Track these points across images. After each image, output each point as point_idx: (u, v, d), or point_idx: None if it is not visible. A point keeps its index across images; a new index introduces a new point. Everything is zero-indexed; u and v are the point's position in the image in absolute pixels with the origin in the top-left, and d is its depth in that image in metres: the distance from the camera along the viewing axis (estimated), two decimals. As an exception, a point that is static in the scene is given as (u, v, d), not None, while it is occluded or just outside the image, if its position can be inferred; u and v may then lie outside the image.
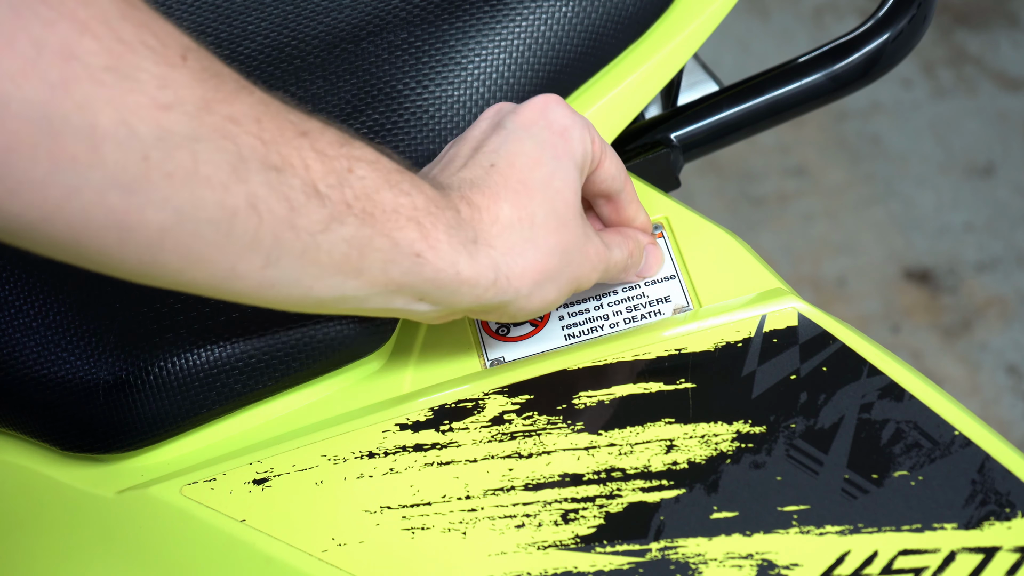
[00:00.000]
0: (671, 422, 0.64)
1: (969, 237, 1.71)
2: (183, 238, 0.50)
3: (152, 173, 0.48)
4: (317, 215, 0.53)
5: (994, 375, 1.59)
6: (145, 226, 0.49)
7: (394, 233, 0.56)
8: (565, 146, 0.63)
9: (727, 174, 1.80)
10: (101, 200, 0.48)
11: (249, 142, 0.51)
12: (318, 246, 0.54)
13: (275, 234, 0.52)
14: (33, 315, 0.66)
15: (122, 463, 0.68)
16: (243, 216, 0.51)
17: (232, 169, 0.51)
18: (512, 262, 0.60)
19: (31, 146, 0.46)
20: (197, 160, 0.49)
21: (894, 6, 0.80)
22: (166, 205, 0.49)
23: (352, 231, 0.55)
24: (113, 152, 0.47)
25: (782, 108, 0.81)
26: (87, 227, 0.49)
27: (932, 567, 0.59)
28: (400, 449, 0.65)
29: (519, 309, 0.62)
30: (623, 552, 0.61)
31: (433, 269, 0.58)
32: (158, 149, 0.48)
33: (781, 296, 0.68)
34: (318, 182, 0.54)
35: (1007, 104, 1.83)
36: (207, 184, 0.50)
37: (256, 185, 0.51)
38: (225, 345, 0.66)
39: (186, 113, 0.49)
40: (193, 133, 0.49)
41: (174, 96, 0.49)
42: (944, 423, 0.63)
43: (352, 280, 0.56)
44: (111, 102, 0.47)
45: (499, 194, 0.61)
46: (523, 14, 0.73)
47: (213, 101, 0.50)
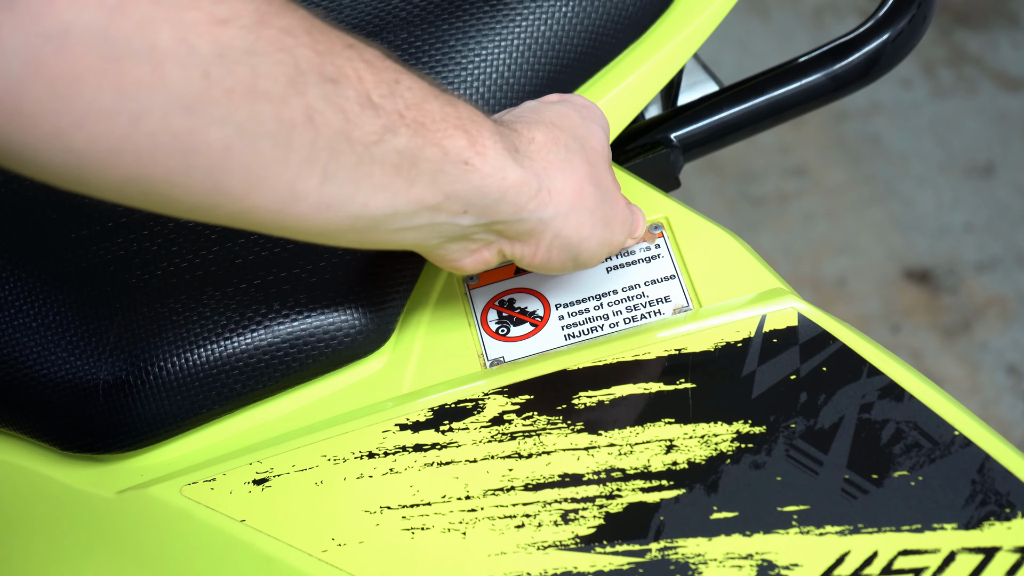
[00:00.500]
0: (671, 422, 0.64)
1: (969, 237, 1.71)
2: (245, 156, 0.50)
3: (213, 90, 0.48)
4: (372, 126, 0.53)
5: (994, 375, 1.59)
6: (208, 146, 0.49)
7: (444, 142, 0.56)
8: (588, 112, 0.66)
9: (727, 174, 1.80)
10: (166, 123, 0.48)
11: (305, 54, 0.51)
12: (372, 157, 0.54)
13: (331, 146, 0.52)
14: (33, 315, 0.66)
15: (122, 463, 0.68)
16: (300, 129, 0.51)
17: (290, 81, 0.50)
18: (551, 176, 0.61)
19: (96, 73, 0.45)
20: (256, 74, 0.49)
21: (894, 6, 0.80)
22: (227, 122, 0.49)
23: (405, 141, 0.54)
24: (175, 72, 0.47)
25: (782, 108, 0.81)
26: (154, 155, 0.48)
27: (932, 567, 0.59)
28: (400, 449, 0.65)
29: (556, 234, 0.62)
30: (623, 552, 0.61)
31: (480, 176, 0.57)
32: (218, 65, 0.48)
33: (781, 296, 0.68)
34: (371, 92, 0.53)
35: (1007, 104, 1.83)
36: (266, 98, 0.50)
37: (313, 97, 0.51)
38: (225, 345, 0.66)
39: (243, 27, 0.49)
40: (251, 47, 0.49)
41: (230, 10, 0.48)
42: (944, 423, 0.63)
43: (403, 193, 0.55)
44: (169, 20, 0.47)
45: (532, 125, 0.62)
46: (523, 14, 0.73)
47: (267, 14, 0.50)
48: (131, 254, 0.68)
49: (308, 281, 0.67)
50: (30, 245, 0.69)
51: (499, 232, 0.61)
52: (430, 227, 0.58)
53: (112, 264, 0.67)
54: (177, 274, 0.67)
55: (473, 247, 0.62)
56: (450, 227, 0.59)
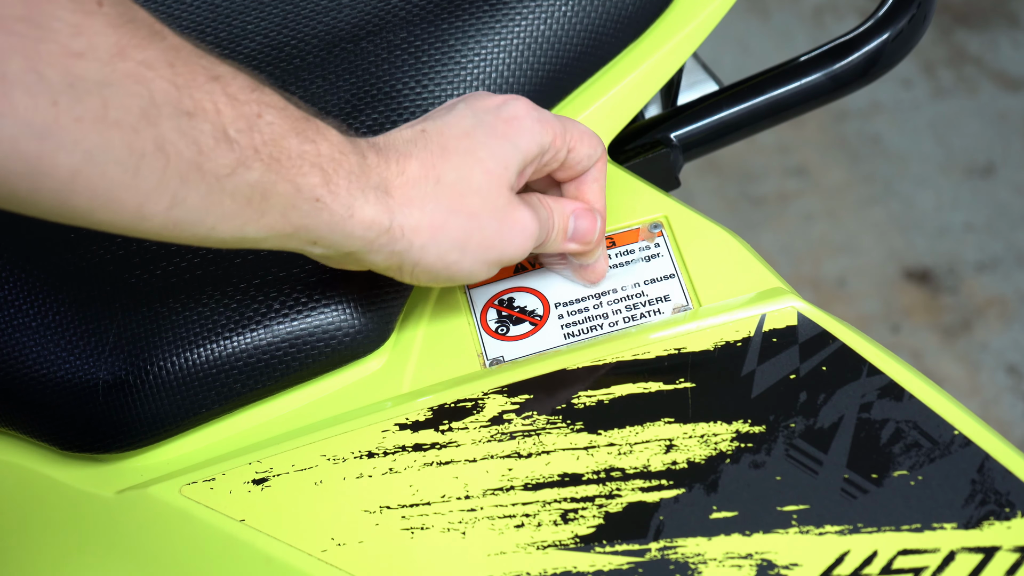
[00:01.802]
0: (671, 422, 0.64)
1: (969, 237, 1.71)
2: (92, 180, 0.52)
3: (62, 118, 0.50)
4: (225, 159, 0.55)
5: (994, 375, 1.59)
6: (56, 169, 0.51)
7: (297, 179, 0.57)
8: (507, 129, 0.64)
9: (727, 174, 1.79)
10: (14, 147, 0.49)
11: (162, 87, 0.52)
12: (223, 189, 0.55)
13: (182, 176, 0.54)
14: (33, 315, 0.66)
15: (122, 463, 0.68)
16: (151, 158, 0.52)
17: (143, 113, 0.52)
18: (409, 213, 0.61)
19: None
20: (107, 105, 0.51)
21: (894, 6, 0.80)
22: (76, 148, 0.50)
23: (257, 176, 0.56)
24: (23, 99, 0.49)
25: (782, 108, 0.81)
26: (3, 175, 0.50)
27: (932, 567, 0.59)
28: (399, 449, 0.65)
29: (415, 264, 0.62)
30: (623, 552, 0.61)
31: (329, 213, 0.59)
32: (67, 95, 0.50)
33: (781, 295, 0.68)
34: (228, 126, 0.55)
35: (1007, 104, 1.83)
36: (116, 127, 0.51)
37: (166, 129, 0.52)
38: (225, 345, 0.66)
39: (98, 60, 0.50)
40: (104, 79, 0.50)
41: (87, 44, 0.50)
42: (944, 423, 0.63)
43: (253, 223, 0.57)
44: (22, 51, 0.48)
45: (412, 153, 0.62)
46: (523, 14, 0.73)
47: (128, 47, 0.51)
48: (131, 254, 0.68)
49: (308, 280, 0.67)
50: (30, 245, 0.69)
51: (356, 260, 0.62)
52: (284, 248, 0.60)
53: (112, 264, 0.67)
54: (177, 274, 0.67)
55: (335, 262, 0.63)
56: (305, 252, 0.61)
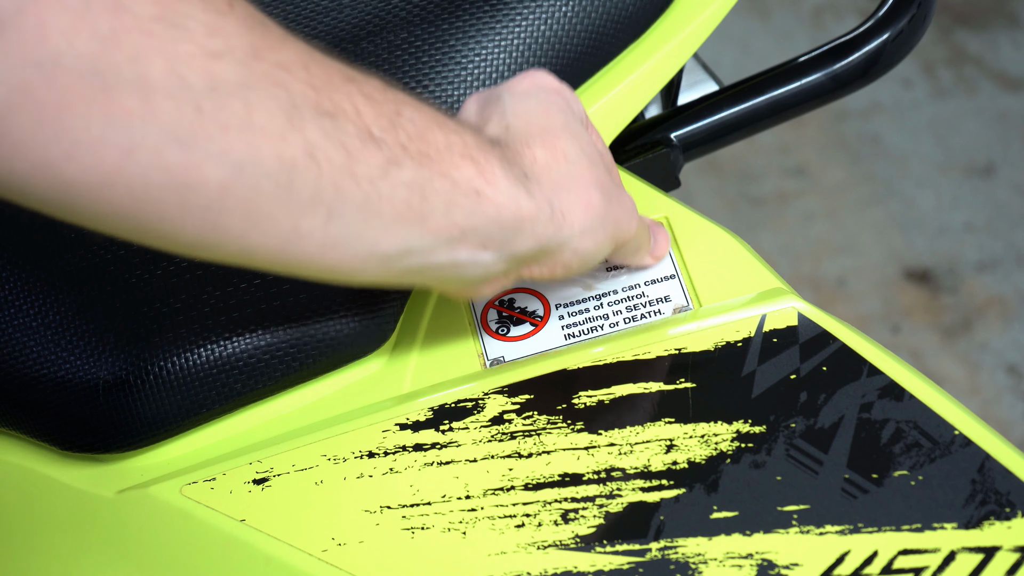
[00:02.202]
0: (671, 422, 0.64)
1: (969, 237, 1.71)
2: (244, 194, 0.49)
3: (207, 125, 0.47)
4: (375, 160, 0.52)
5: (994, 375, 1.59)
6: (205, 184, 0.48)
7: (452, 172, 0.54)
8: (564, 102, 0.63)
9: (727, 174, 1.80)
10: (159, 157, 0.46)
11: (300, 89, 0.50)
12: (379, 193, 0.52)
13: (335, 184, 0.51)
14: (33, 315, 0.66)
15: (122, 463, 0.68)
16: (302, 167, 0.50)
17: (286, 117, 0.49)
18: (562, 197, 0.59)
19: (85, 103, 0.45)
20: (251, 109, 0.48)
21: (894, 6, 0.80)
22: (225, 159, 0.48)
23: (411, 174, 0.53)
24: (166, 104, 0.46)
25: (782, 108, 0.81)
26: (147, 189, 0.47)
27: (932, 567, 0.59)
28: (400, 449, 0.65)
29: (573, 253, 0.60)
30: (623, 552, 0.61)
31: (494, 206, 0.56)
32: (211, 99, 0.47)
33: (781, 296, 0.68)
34: (371, 126, 0.52)
35: (1007, 104, 1.83)
36: (263, 134, 0.48)
37: (312, 133, 0.50)
38: (225, 345, 0.66)
39: (236, 61, 0.48)
40: (245, 81, 0.48)
41: (224, 44, 0.47)
42: (944, 423, 0.63)
43: (416, 228, 0.54)
44: (162, 52, 0.46)
45: (527, 141, 0.59)
46: (523, 14, 0.73)
47: (262, 48, 0.49)
48: (131, 254, 0.68)
49: (308, 281, 0.67)
50: (30, 245, 0.69)
51: (520, 260, 0.59)
52: (451, 267, 0.57)
53: (112, 264, 0.67)
54: (177, 274, 0.67)
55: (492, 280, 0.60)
56: (471, 266, 0.57)
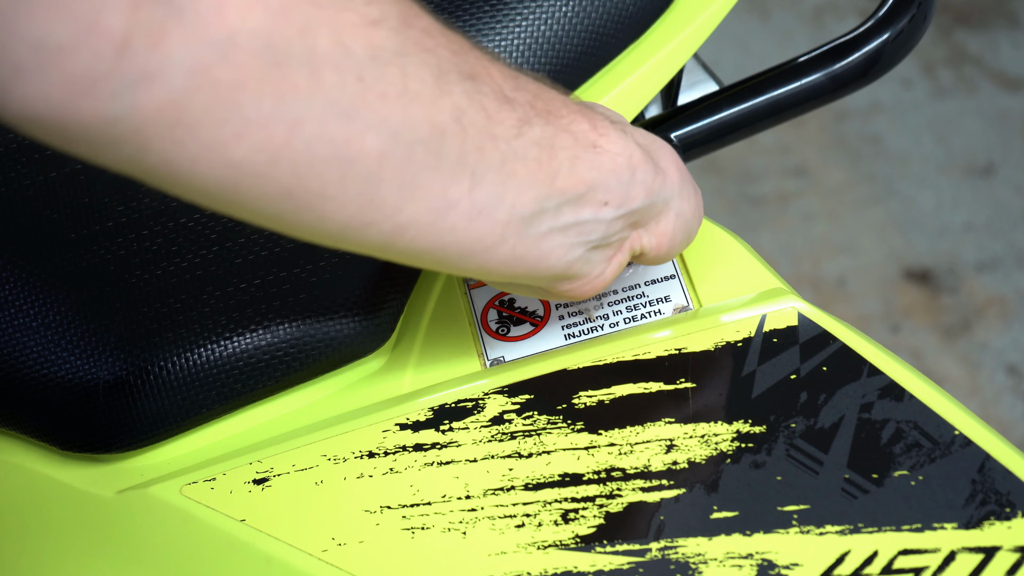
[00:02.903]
0: (671, 422, 0.64)
1: (969, 237, 1.71)
2: (399, 164, 0.49)
3: (368, 94, 0.47)
4: (510, 120, 0.53)
5: (994, 375, 1.59)
6: (364, 154, 0.48)
7: (572, 127, 0.56)
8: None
9: (727, 174, 1.80)
10: (322, 130, 0.46)
11: (445, 54, 0.50)
12: (515, 153, 0.53)
13: (478, 147, 0.51)
14: (33, 315, 0.66)
15: (122, 463, 0.68)
16: (450, 132, 0.50)
17: (437, 82, 0.50)
18: (657, 154, 0.60)
19: (258, 80, 0.44)
20: (406, 76, 0.48)
21: (894, 6, 0.80)
22: (383, 127, 0.48)
23: (539, 131, 0.54)
24: (331, 76, 0.46)
25: (782, 108, 0.80)
26: (311, 164, 0.47)
27: (932, 567, 0.59)
28: (400, 449, 0.65)
29: (677, 215, 0.61)
30: (623, 552, 0.61)
31: (611, 157, 0.57)
32: (371, 68, 0.47)
33: (781, 296, 0.68)
34: (503, 86, 0.53)
35: (1007, 104, 1.83)
36: (417, 100, 0.49)
37: (458, 96, 0.51)
38: (225, 345, 0.66)
39: (391, 28, 0.48)
40: (400, 48, 0.48)
41: (380, 12, 0.48)
42: (944, 423, 0.63)
43: (546, 187, 0.54)
44: (328, 23, 0.46)
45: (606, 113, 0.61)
46: (523, 14, 0.72)
47: (409, 15, 0.49)
48: (131, 254, 0.68)
49: (308, 280, 0.67)
50: (30, 245, 0.69)
51: (634, 223, 0.60)
52: (576, 228, 0.57)
53: (112, 264, 0.67)
54: (177, 274, 0.67)
55: (610, 253, 0.60)
56: (594, 225, 0.58)
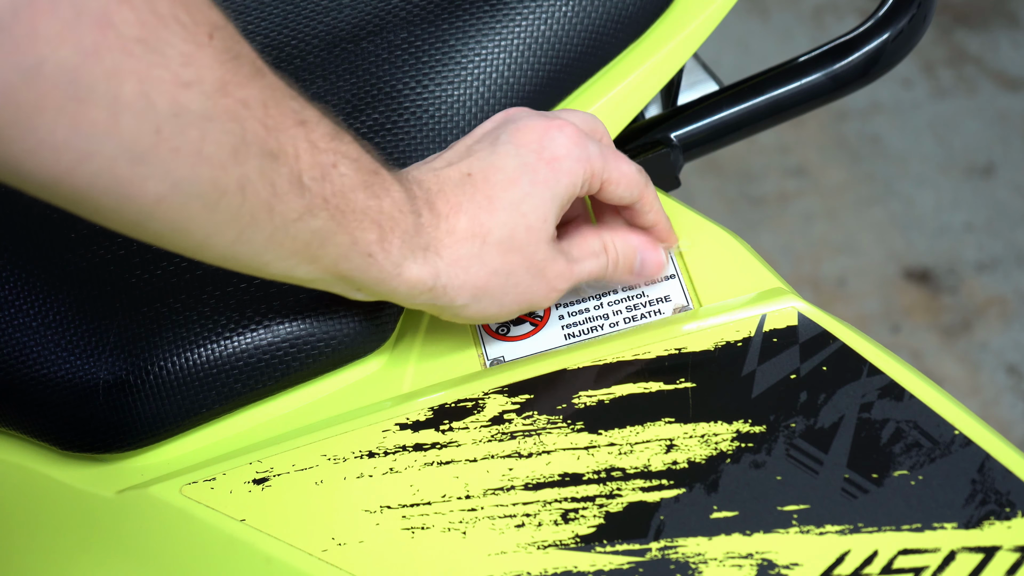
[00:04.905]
0: (671, 422, 0.64)
1: (969, 237, 1.71)
2: (173, 209, 0.52)
3: (161, 147, 0.50)
4: (296, 204, 0.56)
5: (994, 375, 1.59)
6: (143, 195, 0.51)
7: (356, 232, 0.58)
8: (548, 173, 0.64)
9: (727, 174, 1.80)
10: (109, 168, 0.49)
11: (254, 127, 0.53)
12: (287, 232, 0.56)
13: (253, 215, 0.54)
14: (33, 315, 0.66)
15: (122, 463, 0.68)
16: (230, 196, 0.53)
17: (233, 151, 0.52)
18: (454, 274, 0.62)
19: (56, 110, 0.47)
20: (204, 139, 0.51)
21: (894, 6, 0.80)
22: (166, 178, 0.51)
23: (321, 224, 0.57)
24: (130, 122, 0.49)
25: (782, 108, 0.81)
26: (91, 191, 0.50)
27: (932, 567, 0.59)
28: (400, 449, 0.65)
29: (454, 315, 0.64)
30: (623, 552, 0.61)
31: (379, 269, 0.60)
32: (171, 124, 0.50)
33: (781, 295, 0.68)
34: (304, 173, 0.56)
35: (1007, 104, 1.83)
36: (208, 162, 0.52)
37: (250, 169, 0.53)
38: (225, 345, 0.66)
39: (203, 93, 0.50)
40: (206, 112, 0.51)
41: (195, 75, 0.50)
42: (944, 423, 0.63)
43: (305, 266, 0.58)
44: (136, 73, 0.48)
45: (462, 206, 0.63)
46: (523, 14, 0.73)
47: (230, 83, 0.52)
48: (131, 254, 0.68)
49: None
50: (30, 245, 0.69)
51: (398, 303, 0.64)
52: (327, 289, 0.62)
53: (112, 264, 0.67)
54: (177, 274, 0.67)
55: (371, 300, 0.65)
56: (346, 295, 0.62)
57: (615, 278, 0.69)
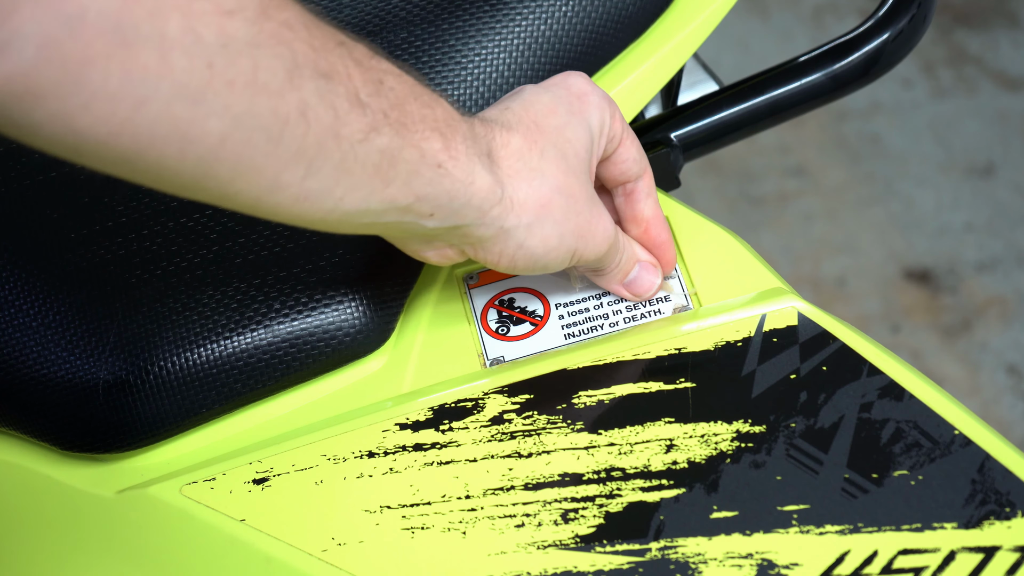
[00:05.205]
0: (671, 421, 0.64)
1: (969, 237, 1.71)
2: (237, 147, 0.51)
3: (215, 81, 0.49)
4: (359, 124, 0.54)
5: (994, 375, 1.59)
6: (205, 136, 0.50)
7: (422, 143, 0.57)
8: (580, 106, 0.64)
9: (727, 174, 1.80)
10: (167, 111, 0.48)
11: (302, 49, 0.52)
12: (356, 156, 0.54)
13: (320, 143, 0.53)
14: (33, 315, 0.66)
15: (122, 463, 0.68)
16: (293, 124, 0.52)
17: (288, 76, 0.51)
18: (517, 186, 0.61)
19: (105, 57, 0.46)
20: (257, 67, 0.50)
21: (894, 6, 0.80)
22: (226, 113, 0.50)
23: (386, 140, 0.55)
24: (181, 60, 0.48)
25: (782, 108, 0.81)
26: (151, 139, 0.49)
27: (932, 567, 0.59)
28: (400, 449, 0.65)
29: (519, 245, 0.62)
30: (623, 552, 0.61)
31: (451, 180, 0.58)
32: (222, 56, 0.49)
33: (781, 295, 0.68)
34: (360, 90, 0.54)
35: (1007, 104, 1.83)
36: (264, 91, 0.50)
37: (308, 92, 0.52)
38: (225, 345, 0.66)
39: (247, 19, 0.49)
40: (253, 39, 0.50)
41: (235, 3, 0.49)
42: (944, 422, 0.63)
43: (379, 193, 0.56)
44: (179, 8, 0.47)
45: (512, 127, 0.62)
46: (523, 14, 0.73)
47: (269, 7, 0.51)
48: (131, 254, 0.68)
49: (308, 280, 0.67)
50: (30, 245, 0.69)
51: (462, 236, 0.61)
52: (397, 224, 0.59)
53: (112, 264, 0.67)
54: (177, 274, 0.67)
55: (437, 244, 0.63)
56: (416, 227, 0.60)
57: (610, 278, 0.69)
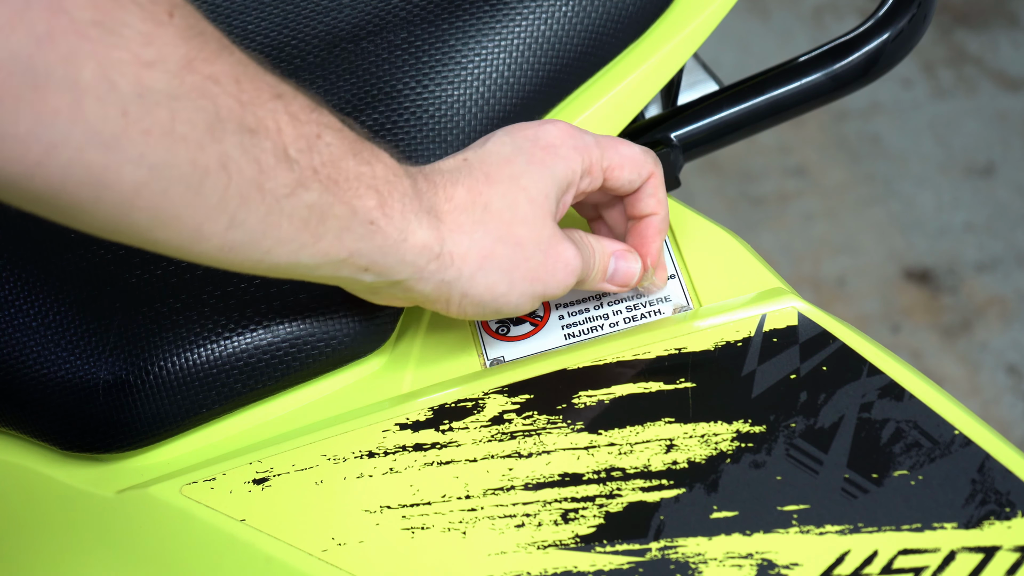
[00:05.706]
0: (671, 421, 0.64)
1: (969, 237, 1.71)
2: (155, 196, 0.51)
3: (130, 129, 0.49)
4: (285, 179, 0.54)
5: (994, 375, 1.59)
6: (120, 183, 0.50)
7: (354, 201, 0.57)
8: (543, 156, 0.63)
9: (727, 174, 1.80)
10: (80, 156, 0.48)
11: (227, 103, 0.52)
12: (281, 210, 0.54)
13: (242, 195, 0.53)
14: (33, 315, 0.66)
15: (122, 463, 0.68)
16: (214, 176, 0.52)
17: (208, 128, 0.51)
18: (458, 240, 0.61)
19: (14, 99, 0.46)
20: (175, 118, 0.50)
21: (894, 6, 0.80)
22: (142, 162, 0.50)
23: (315, 197, 0.55)
24: (94, 107, 0.48)
25: (782, 108, 0.81)
26: (64, 184, 0.49)
27: (932, 567, 0.59)
28: (400, 449, 0.65)
29: (463, 294, 0.62)
30: (623, 552, 0.61)
31: (383, 236, 0.58)
32: (137, 105, 0.49)
33: (781, 295, 0.68)
34: (289, 146, 0.54)
35: (1007, 104, 1.83)
36: (183, 142, 0.50)
37: (230, 146, 0.52)
38: (225, 345, 0.66)
39: (167, 71, 0.49)
40: (173, 91, 0.50)
41: (157, 54, 0.49)
42: (944, 422, 0.63)
43: (309, 247, 0.56)
44: (95, 56, 0.47)
45: (459, 180, 0.62)
46: (523, 14, 0.72)
47: (196, 60, 0.51)
48: (131, 254, 0.68)
49: (308, 280, 0.67)
50: (30, 245, 0.69)
51: (405, 289, 0.61)
52: (334, 278, 0.59)
53: (112, 264, 0.67)
54: (177, 274, 0.67)
55: (384, 296, 0.63)
56: (355, 282, 0.60)
57: (591, 283, 0.67)
